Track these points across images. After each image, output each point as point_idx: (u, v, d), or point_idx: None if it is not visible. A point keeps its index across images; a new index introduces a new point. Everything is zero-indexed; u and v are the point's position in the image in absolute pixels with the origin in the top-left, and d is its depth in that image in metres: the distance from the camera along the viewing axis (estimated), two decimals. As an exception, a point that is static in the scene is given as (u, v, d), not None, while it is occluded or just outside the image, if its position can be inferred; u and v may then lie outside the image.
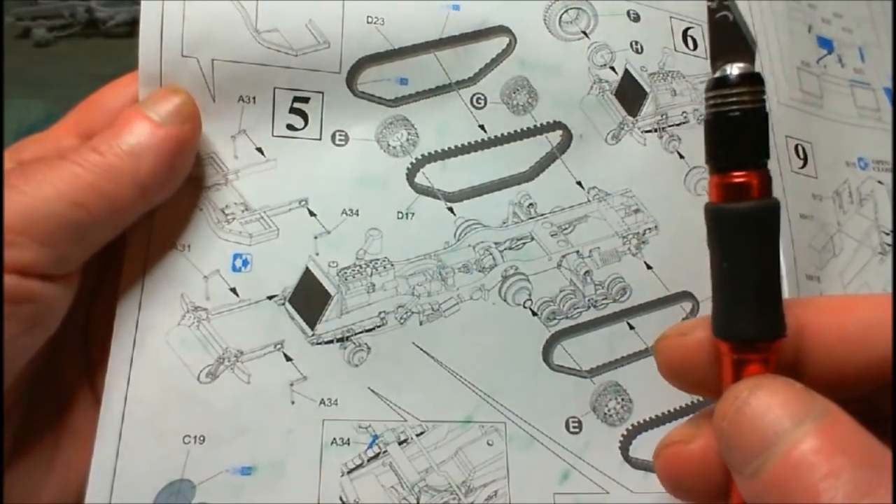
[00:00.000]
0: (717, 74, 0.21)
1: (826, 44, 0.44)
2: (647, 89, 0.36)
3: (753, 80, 0.21)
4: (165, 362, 0.28)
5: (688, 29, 0.37)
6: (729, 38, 0.21)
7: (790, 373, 0.21)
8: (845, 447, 0.18)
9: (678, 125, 0.36)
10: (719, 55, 0.21)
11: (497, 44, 0.33)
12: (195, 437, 0.28)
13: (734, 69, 0.21)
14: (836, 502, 0.17)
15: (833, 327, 0.22)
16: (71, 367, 0.29)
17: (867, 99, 0.42)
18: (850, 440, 0.18)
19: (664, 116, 0.35)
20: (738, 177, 0.21)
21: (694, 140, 0.36)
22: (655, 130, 0.35)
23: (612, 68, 0.35)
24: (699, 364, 0.23)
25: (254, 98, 0.31)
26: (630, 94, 0.35)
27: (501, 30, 0.33)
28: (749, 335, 0.21)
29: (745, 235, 0.21)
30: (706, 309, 0.34)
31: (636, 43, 0.36)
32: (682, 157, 0.35)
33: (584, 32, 0.35)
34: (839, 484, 0.17)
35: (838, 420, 0.19)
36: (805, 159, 0.39)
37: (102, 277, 0.30)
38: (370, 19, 0.32)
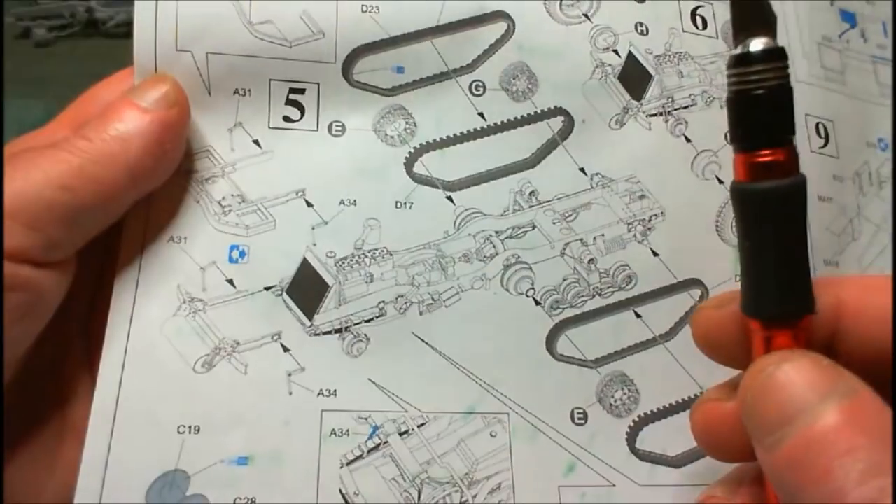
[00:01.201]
0: (739, 51, 0.21)
1: (849, 17, 0.42)
2: (653, 72, 0.35)
3: (776, 56, 0.20)
4: (160, 353, 0.28)
5: (697, 8, 0.36)
6: (750, 11, 0.21)
7: (826, 351, 0.21)
8: (866, 427, 0.18)
9: (685, 108, 0.35)
10: (741, 30, 0.21)
11: (495, 29, 0.33)
12: (190, 427, 0.28)
13: (756, 44, 0.20)
14: (849, 482, 0.17)
15: (872, 307, 0.22)
16: (72, 363, 0.29)
17: (889, 76, 0.41)
18: (873, 420, 0.18)
19: (670, 99, 0.35)
20: (764, 155, 0.20)
21: (701, 123, 0.35)
22: (661, 114, 0.34)
23: (616, 51, 0.34)
24: (733, 337, 0.23)
25: (249, 90, 0.31)
26: (634, 77, 0.34)
27: (499, 14, 0.33)
28: (775, 313, 0.21)
29: (772, 214, 0.20)
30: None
31: (641, 24, 0.35)
32: (689, 140, 0.34)
33: (586, 15, 0.34)
34: (853, 463, 0.17)
35: (863, 399, 0.18)
36: (826, 138, 0.38)
37: (103, 274, 0.30)
38: (365, 8, 0.31)
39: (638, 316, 0.32)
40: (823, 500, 0.17)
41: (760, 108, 0.20)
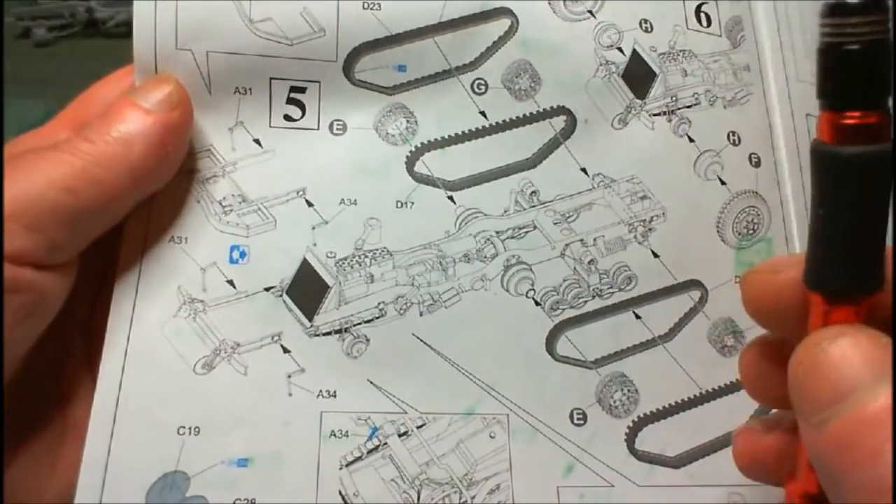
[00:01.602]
0: None
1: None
2: (657, 70, 0.34)
3: (877, 6, 0.18)
4: (160, 354, 0.28)
5: (701, 4, 0.36)
6: None
7: (887, 328, 0.20)
8: None
9: (688, 107, 0.34)
10: None
11: (498, 26, 0.33)
12: (190, 428, 0.28)
13: None
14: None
15: None
16: (73, 363, 0.29)
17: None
18: None
19: (674, 98, 0.34)
20: (853, 117, 0.18)
21: (705, 123, 0.34)
22: (664, 113, 0.34)
23: (620, 49, 0.34)
24: (788, 304, 0.22)
25: (250, 89, 0.31)
26: (638, 75, 0.34)
27: (503, 11, 0.33)
28: (841, 288, 0.20)
29: (854, 182, 0.19)
30: (715, 298, 0.33)
31: (645, 21, 0.35)
32: (692, 140, 0.34)
33: (591, 12, 0.34)
34: None
35: None
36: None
37: (105, 275, 0.30)
38: (366, 5, 0.31)
39: (638, 317, 0.32)
40: (868, 483, 0.17)
41: (853, 65, 0.18)
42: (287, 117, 0.31)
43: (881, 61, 0.18)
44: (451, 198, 0.32)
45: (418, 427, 0.30)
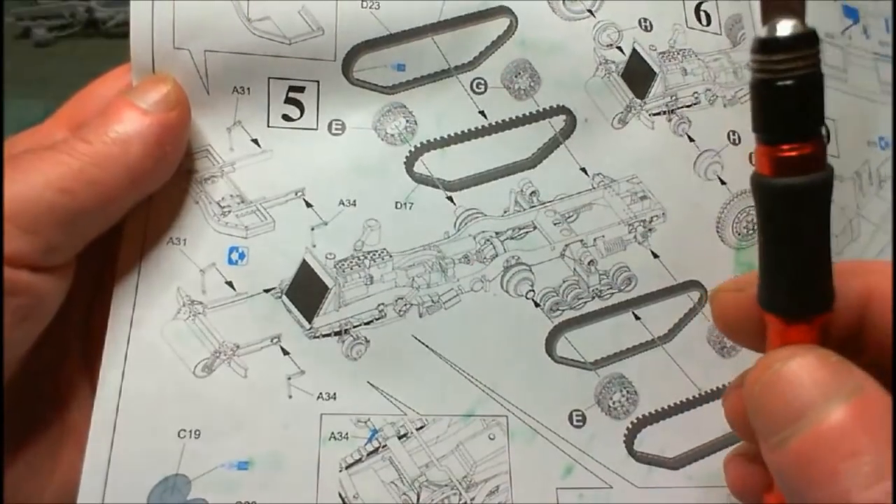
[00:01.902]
0: (765, 34, 0.18)
1: (852, 13, 0.41)
2: (657, 70, 0.34)
3: (806, 42, 0.18)
4: (160, 356, 0.28)
5: (701, 3, 0.36)
6: None
7: (854, 339, 0.20)
8: (872, 427, 0.17)
9: (688, 107, 0.34)
10: (767, 10, 0.19)
11: (497, 25, 0.32)
12: (190, 431, 0.28)
13: (784, 27, 0.18)
14: (854, 485, 0.17)
15: None
16: (71, 365, 0.29)
17: (890, 74, 0.40)
18: (879, 419, 0.18)
19: (674, 98, 0.34)
20: (789, 150, 0.19)
21: (704, 122, 0.34)
22: (664, 113, 0.34)
23: (620, 48, 0.34)
24: (751, 321, 0.22)
25: (248, 89, 0.30)
26: (638, 75, 0.34)
27: (502, 10, 0.32)
28: (790, 309, 0.20)
29: (793, 211, 0.19)
30: (714, 298, 0.33)
31: (645, 20, 0.34)
32: (692, 140, 0.34)
33: (590, 11, 0.34)
34: (859, 466, 0.17)
35: (870, 397, 0.18)
36: (827, 138, 0.37)
37: (102, 276, 0.30)
38: (365, 4, 0.31)
39: (637, 318, 0.32)
40: (829, 501, 0.17)
41: (786, 100, 0.18)
42: (285, 117, 0.31)
43: (813, 93, 0.19)
44: (450, 198, 0.32)
45: (418, 429, 0.30)
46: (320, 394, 0.29)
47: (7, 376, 0.26)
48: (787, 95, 0.18)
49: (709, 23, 0.36)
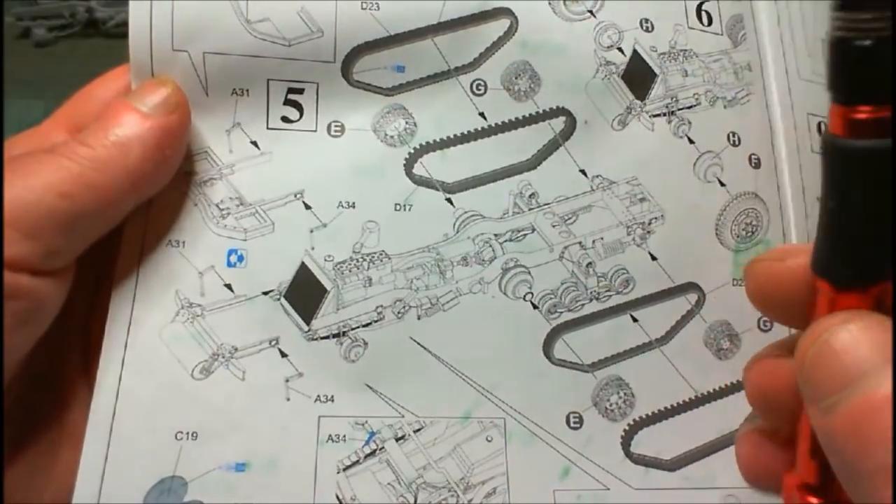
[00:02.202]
0: None
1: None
2: (657, 71, 0.34)
3: (888, 2, 0.18)
4: (158, 359, 0.28)
5: (702, 3, 0.36)
6: None
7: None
8: None
9: (689, 108, 0.34)
10: None
11: (498, 26, 0.32)
12: (188, 433, 0.28)
13: None
14: None
15: None
16: (70, 368, 0.29)
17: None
18: None
19: (674, 99, 0.34)
20: (863, 111, 0.18)
21: (705, 124, 0.34)
22: (664, 114, 0.34)
23: (620, 49, 0.34)
24: (794, 293, 0.22)
25: (247, 91, 0.30)
26: (638, 76, 0.34)
27: (502, 11, 0.32)
28: (849, 276, 0.20)
29: (865, 175, 0.19)
30: (712, 300, 0.33)
31: (646, 21, 0.34)
32: (692, 142, 0.34)
33: (591, 12, 0.33)
34: None
35: None
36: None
37: (101, 279, 0.30)
38: (365, 5, 0.31)
39: (635, 320, 0.32)
40: (885, 466, 0.17)
41: (865, 61, 0.18)
42: (285, 119, 0.31)
43: (894, 56, 0.18)
44: (449, 200, 0.32)
45: (415, 431, 0.30)
46: (318, 396, 0.29)
47: (6, 380, 0.26)
48: (865, 57, 0.18)
49: (710, 23, 0.36)
